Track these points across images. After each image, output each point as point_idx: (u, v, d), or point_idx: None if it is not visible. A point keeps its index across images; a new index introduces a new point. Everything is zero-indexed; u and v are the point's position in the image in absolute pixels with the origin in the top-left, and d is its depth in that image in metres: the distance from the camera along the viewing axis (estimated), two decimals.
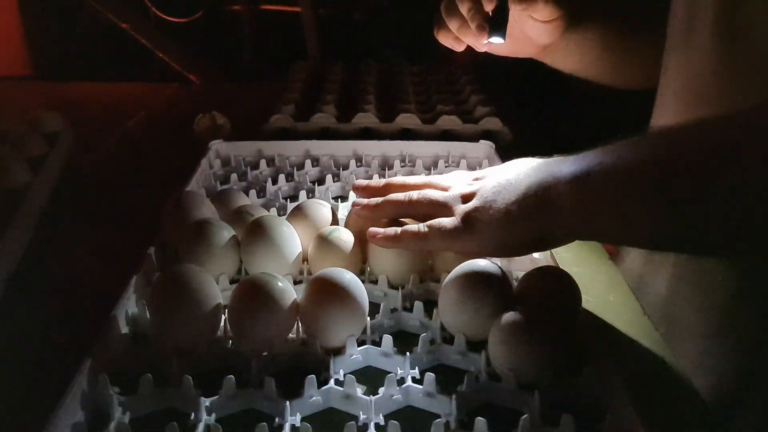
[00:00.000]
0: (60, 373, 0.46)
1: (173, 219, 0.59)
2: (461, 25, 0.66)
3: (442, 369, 0.47)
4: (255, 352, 0.46)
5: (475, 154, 0.81)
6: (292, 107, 0.94)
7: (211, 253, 0.54)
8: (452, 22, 0.67)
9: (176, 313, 0.46)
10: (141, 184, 0.80)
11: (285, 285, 0.48)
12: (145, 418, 0.42)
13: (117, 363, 0.46)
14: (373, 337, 0.49)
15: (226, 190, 0.67)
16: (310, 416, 0.43)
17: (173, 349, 0.45)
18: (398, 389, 0.43)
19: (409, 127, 0.90)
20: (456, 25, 0.66)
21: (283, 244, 0.55)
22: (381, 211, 0.55)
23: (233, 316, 0.47)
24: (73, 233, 0.68)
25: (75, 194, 0.77)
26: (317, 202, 0.61)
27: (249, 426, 0.39)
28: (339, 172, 0.77)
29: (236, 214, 0.60)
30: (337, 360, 0.46)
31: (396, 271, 0.55)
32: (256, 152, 0.81)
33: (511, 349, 0.44)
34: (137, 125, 1.03)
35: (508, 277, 0.50)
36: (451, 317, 0.49)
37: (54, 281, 0.59)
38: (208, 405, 0.42)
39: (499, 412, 0.43)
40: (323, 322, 0.47)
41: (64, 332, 0.52)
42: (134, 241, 0.66)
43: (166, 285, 0.47)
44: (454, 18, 0.66)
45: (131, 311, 0.50)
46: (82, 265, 0.62)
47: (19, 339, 0.51)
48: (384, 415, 0.42)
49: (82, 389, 0.41)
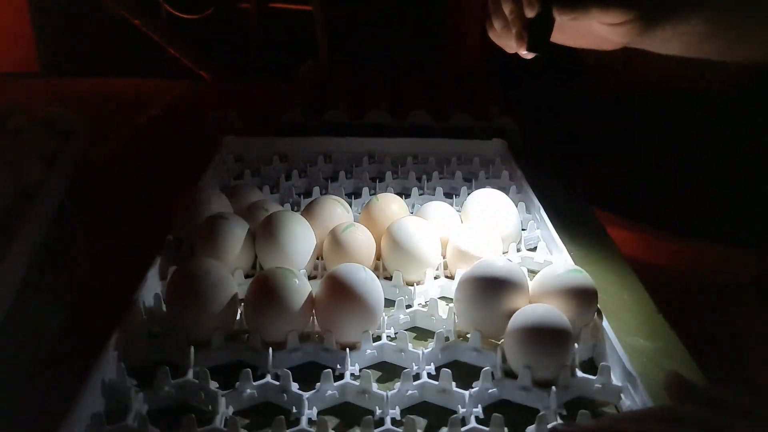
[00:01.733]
0: (78, 364, 0.47)
1: (188, 214, 0.59)
2: (503, 27, 0.58)
3: (457, 365, 0.47)
4: (271, 346, 0.46)
5: (488, 152, 0.81)
6: (303, 104, 0.95)
7: (226, 247, 0.55)
8: (496, 22, 0.59)
9: (193, 307, 0.47)
10: (154, 179, 0.80)
11: (301, 280, 0.48)
12: (162, 410, 0.42)
13: (134, 355, 0.46)
14: (388, 332, 0.50)
15: (241, 185, 0.67)
16: (326, 410, 0.43)
17: (190, 342, 0.46)
18: (414, 385, 0.43)
19: (421, 124, 0.89)
20: (499, 26, 0.59)
21: (297, 240, 0.55)
22: None
23: (249, 310, 0.47)
24: (87, 229, 0.68)
25: (89, 190, 0.77)
26: (331, 198, 0.61)
27: (266, 419, 0.40)
28: (352, 168, 0.77)
29: (251, 209, 0.60)
30: (353, 355, 0.46)
31: (410, 268, 0.55)
32: (269, 148, 0.81)
33: (526, 347, 0.44)
34: (149, 121, 1.04)
35: (523, 274, 0.50)
36: (466, 314, 0.49)
37: (69, 276, 0.59)
38: (225, 398, 0.42)
39: (514, 408, 0.43)
40: (339, 317, 0.47)
41: (80, 326, 0.52)
42: (149, 236, 0.66)
43: (183, 279, 0.47)
44: (498, 18, 0.59)
45: (147, 304, 0.50)
46: (97, 260, 0.62)
47: (36, 332, 0.51)
48: (400, 410, 0.42)
49: (101, 380, 0.42)
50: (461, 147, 0.82)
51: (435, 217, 0.60)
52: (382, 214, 0.60)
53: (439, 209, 0.61)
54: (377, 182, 0.75)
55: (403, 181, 0.75)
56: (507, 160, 0.79)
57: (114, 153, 0.88)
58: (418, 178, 0.76)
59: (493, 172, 0.78)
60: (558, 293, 0.48)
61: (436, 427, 0.42)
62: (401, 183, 0.75)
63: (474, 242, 0.56)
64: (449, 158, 0.80)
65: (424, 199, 0.70)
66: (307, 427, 0.39)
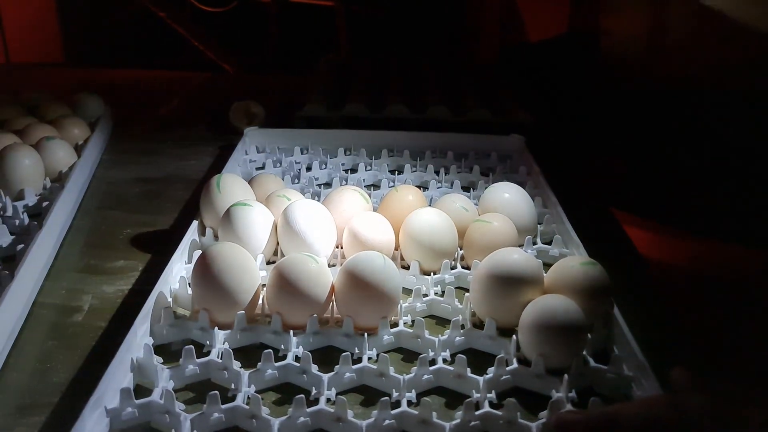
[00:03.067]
0: (107, 342, 0.49)
1: (212, 201, 0.61)
2: None
3: (472, 353, 0.48)
4: (292, 329, 0.47)
5: (506, 147, 0.82)
6: (324, 97, 0.96)
7: (248, 234, 0.56)
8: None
9: (217, 290, 0.48)
10: (178, 168, 0.82)
11: (321, 266, 0.50)
12: (186, 387, 0.44)
13: (160, 336, 0.48)
14: (405, 320, 0.51)
15: (263, 174, 0.69)
16: (344, 392, 0.44)
17: (214, 324, 0.47)
18: (430, 369, 0.45)
19: (439, 118, 0.90)
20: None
21: (319, 228, 0.56)
22: None
23: (271, 293, 0.49)
24: (114, 214, 0.70)
25: (115, 177, 0.79)
26: (352, 189, 0.63)
27: (286, 397, 0.41)
28: (371, 161, 0.78)
29: (273, 198, 0.61)
30: (371, 340, 0.48)
31: (427, 258, 0.57)
32: (291, 140, 0.82)
33: (540, 336, 0.45)
34: (173, 112, 1.06)
35: (539, 266, 0.51)
36: (482, 303, 0.50)
37: (97, 259, 0.61)
38: (248, 377, 0.43)
39: (527, 395, 0.44)
40: (357, 303, 0.48)
41: (107, 308, 0.54)
42: (174, 222, 0.68)
43: (209, 262, 0.49)
44: None
45: (173, 287, 0.52)
46: (123, 244, 0.64)
47: (63, 312, 0.53)
48: (416, 393, 0.44)
49: (130, 358, 0.43)
50: (479, 142, 0.83)
51: (452, 208, 0.61)
52: (401, 204, 0.61)
53: (456, 201, 0.62)
54: (396, 174, 0.76)
55: (422, 173, 0.76)
56: (524, 155, 0.79)
57: (139, 142, 0.90)
58: (436, 171, 0.77)
59: (510, 167, 0.79)
60: (572, 285, 0.49)
61: (451, 411, 0.43)
62: (420, 176, 0.76)
63: (490, 234, 0.57)
64: (467, 153, 0.81)
65: (442, 191, 0.71)
66: (326, 407, 0.41)
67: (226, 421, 0.41)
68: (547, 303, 0.46)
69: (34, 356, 0.48)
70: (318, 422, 0.41)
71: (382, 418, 0.40)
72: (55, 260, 0.60)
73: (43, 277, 0.57)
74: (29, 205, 0.66)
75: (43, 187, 0.69)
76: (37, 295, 0.55)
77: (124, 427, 0.40)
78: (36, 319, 0.52)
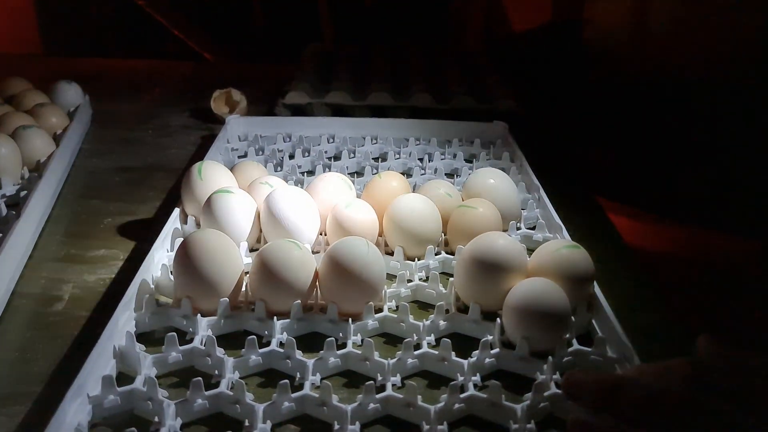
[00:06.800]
0: (88, 331, 0.48)
1: (194, 188, 0.60)
2: None
3: (457, 337, 0.48)
4: (276, 315, 0.47)
5: (490, 134, 0.82)
6: (307, 85, 0.95)
7: (231, 221, 0.56)
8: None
9: (200, 277, 0.48)
10: (159, 157, 0.81)
11: (305, 252, 0.49)
12: (169, 374, 0.44)
13: (143, 324, 0.47)
14: (390, 305, 0.51)
15: (245, 162, 0.68)
16: (329, 377, 0.44)
17: (197, 312, 0.47)
18: (414, 354, 0.45)
19: (423, 106, 0.90)
20: None
21: (302, 215, 0.56)
22: None
23: (254, 280, 0.49)
24: (94, 203, 0.69)
25: (95, 165, 0.78)
26: (335, 176, 0.62)
27: (271, 383, 0.41)
28: (355, 148, 0.78)
29: (255, 185, 0.61)
30: (355, 326, 0.47)
31: (411, 244, 0.56)
32: (273, 128, 0.82)
33: (524, 319, 0.45)
34: (154, 100, 1.05)
35: (522, 250, 0.51)
36: (466, 288, 0.50)
37: (77, 248, 0.60)
38: (232, 364, 0.43)
39: (512, 378, 0.44)
40: (341, 289, 0.48)
41: (88, 297, 0.53)
42: (155, 211, 0.68)
43: (190, 250, 0.48)
44: None
45: (155, 276, 0.52)
46: (104, 232, 0.63)
47: (43, 302, 0.52)
48: (401, 377, 0.44)
49: (112, 346, 0.43)
50: (463, 129, 0.82)
51: (436, 194, 0.61)
52: (384, 191, 0.61)
53: (440, 187, 0.62)
54: (380, 161, 0.76)
55: (405, 160, 0.76)
56: (508, 142, 0.80)
57: (119, 131, 0.89)
58: (420, 158, 0.77)
59: (494, 154, 0.79)
60: (556, 268, 0.49)
61: (436, 393, 0.43)
62: (403, 162, 0.76)
63: (474, 219, 0.57)
64: (451, 139, 0.81)
65: (426, 178, 0.71)
66: (311, 392, 0.41)
67: (210, 407, 0.40)
68: (530, 286, 0.46)
69: (13, 347, 0.47)
70: (303, 407, 0.41)
71: (367, 402, 0.40)
72: (35, 250, 0.59)
73: (22, 267, 0.56)
74: (7, 195, 0.65)
75: (21, 177, 0.68)
76: (16, 285, 0.54)
77: (106, 414, 0.40)
78: (15, 310, 0.51)
